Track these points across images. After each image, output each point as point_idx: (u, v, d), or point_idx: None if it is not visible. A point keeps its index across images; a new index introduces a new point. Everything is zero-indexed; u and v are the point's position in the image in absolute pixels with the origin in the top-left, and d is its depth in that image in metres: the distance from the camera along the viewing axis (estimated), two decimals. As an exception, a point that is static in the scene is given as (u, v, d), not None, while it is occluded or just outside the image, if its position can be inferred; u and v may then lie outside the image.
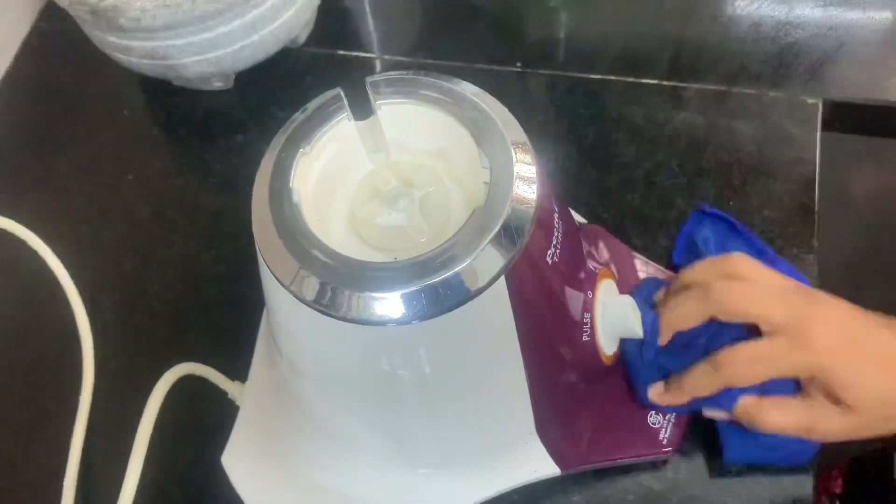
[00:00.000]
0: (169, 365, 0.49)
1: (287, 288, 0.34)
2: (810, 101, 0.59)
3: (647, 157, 0.58)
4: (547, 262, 0.36)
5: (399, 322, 0.33)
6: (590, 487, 0.47)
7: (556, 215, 0.37)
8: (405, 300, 0.32)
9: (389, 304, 0.33)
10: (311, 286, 0.34)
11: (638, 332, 0.43)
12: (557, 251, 0.36)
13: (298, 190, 0.36)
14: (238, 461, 0.47)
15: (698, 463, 0.47)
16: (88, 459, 0.50)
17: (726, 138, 0.59)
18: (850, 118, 0.60)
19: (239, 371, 0.50)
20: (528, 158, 0.35)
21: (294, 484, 0.46)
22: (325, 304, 0.34)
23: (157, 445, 0.47)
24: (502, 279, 0.33)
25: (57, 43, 0.69)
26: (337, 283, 0.33)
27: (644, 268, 0.51)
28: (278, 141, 0.37)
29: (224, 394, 0.50)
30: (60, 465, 0.49)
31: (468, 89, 0.38)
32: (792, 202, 0.55)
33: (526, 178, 0.34)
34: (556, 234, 0.36)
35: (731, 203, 0.56)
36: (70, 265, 0.56)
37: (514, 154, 0.35)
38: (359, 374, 0.37)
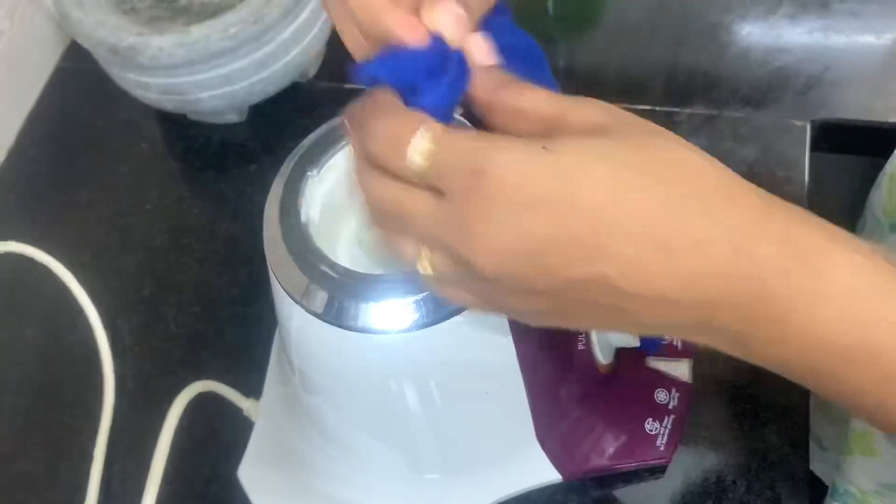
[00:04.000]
0: (186, 384, 0.51)
1: (298, 302, 0.37)
2: (798, 123, 0.61)
3: (642, 180, 0.60)
4: (540, 273, 0.38)
5: (401, 330, 0.35)
6: (591, 494, 0.48)
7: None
8: (406, 310, 0.35)
9: (392, 314, 0.35)
10: (319, 299, 0.36)
11: (632, 341, 0.44)
12: (550, 263, 0.38)
13: (306, 210, 0.38)
14: (254, 475, 0.48)
15: (696, 471, 0.49)
16: (109, 475, 0.52)
17: (718, 160, 0.61)
18: (838, 138, 0.63)
19: (253, 388, 0.52)
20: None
21: (308, 496, 0.47)
22: (333, 315, 0.36)
23: (175, 461, 0.49)
24: (497, 289, 0.35)
25: (79, 81, 0.71)
26: (343, 295, 0.36)
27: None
28: (287, 166, 0.40)
29: (239, 410, 0.51)
30: (83, 481, 0.51)
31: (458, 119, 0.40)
32: (783, 220, 0.57)
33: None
34: (548, 247, 0.38)
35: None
36: (91, 290, 0.57)
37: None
38: (365, 382, 0.39)
